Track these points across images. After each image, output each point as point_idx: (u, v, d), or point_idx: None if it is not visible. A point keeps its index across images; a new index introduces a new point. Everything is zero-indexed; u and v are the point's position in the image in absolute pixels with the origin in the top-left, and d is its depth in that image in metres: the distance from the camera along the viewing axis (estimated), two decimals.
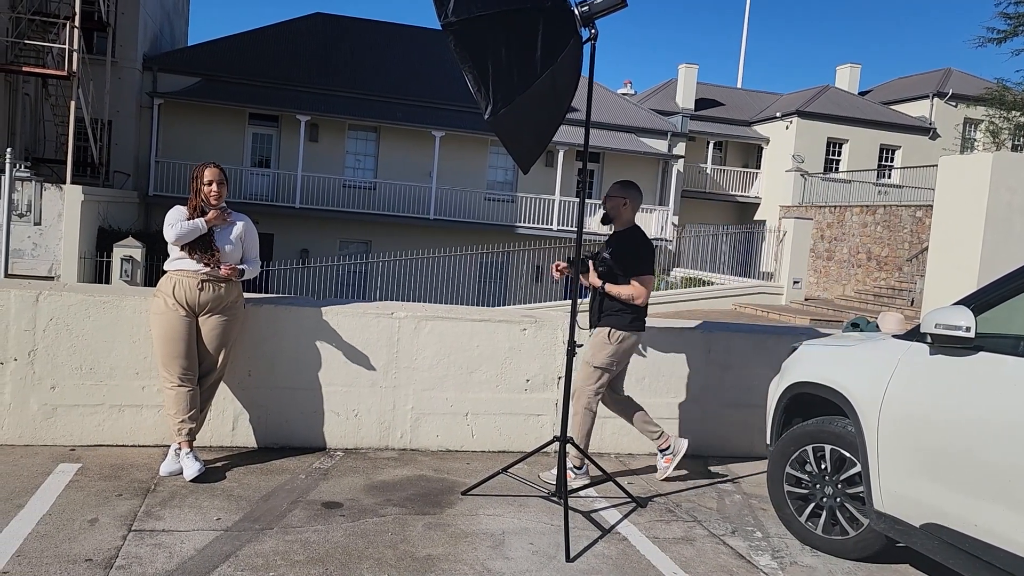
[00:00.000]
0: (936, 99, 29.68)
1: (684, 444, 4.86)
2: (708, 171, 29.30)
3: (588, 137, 4.14)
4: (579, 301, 4.08)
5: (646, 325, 4.69)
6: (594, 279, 4.55)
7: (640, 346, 5.33)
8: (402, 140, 24.04)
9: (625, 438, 5.40)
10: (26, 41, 18.29)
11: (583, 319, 4.59)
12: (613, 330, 4.52)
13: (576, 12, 3.82)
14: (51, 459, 4.31)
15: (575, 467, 4.61)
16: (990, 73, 50.79)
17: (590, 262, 4.56)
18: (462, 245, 21.24)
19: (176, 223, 4.17)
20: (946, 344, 3.40)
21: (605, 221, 4.70)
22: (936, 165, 13.43)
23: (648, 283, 4.53)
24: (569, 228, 24.18)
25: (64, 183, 17.53)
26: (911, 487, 3.46)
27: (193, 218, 4.23)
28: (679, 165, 26.67)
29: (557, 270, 4.58)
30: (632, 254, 4.54)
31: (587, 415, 4.57)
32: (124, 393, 4.61)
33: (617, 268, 4.52)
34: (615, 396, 4.83)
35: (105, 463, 4.32)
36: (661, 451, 4.86)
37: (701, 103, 30.49)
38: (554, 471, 4.49)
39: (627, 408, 4.84)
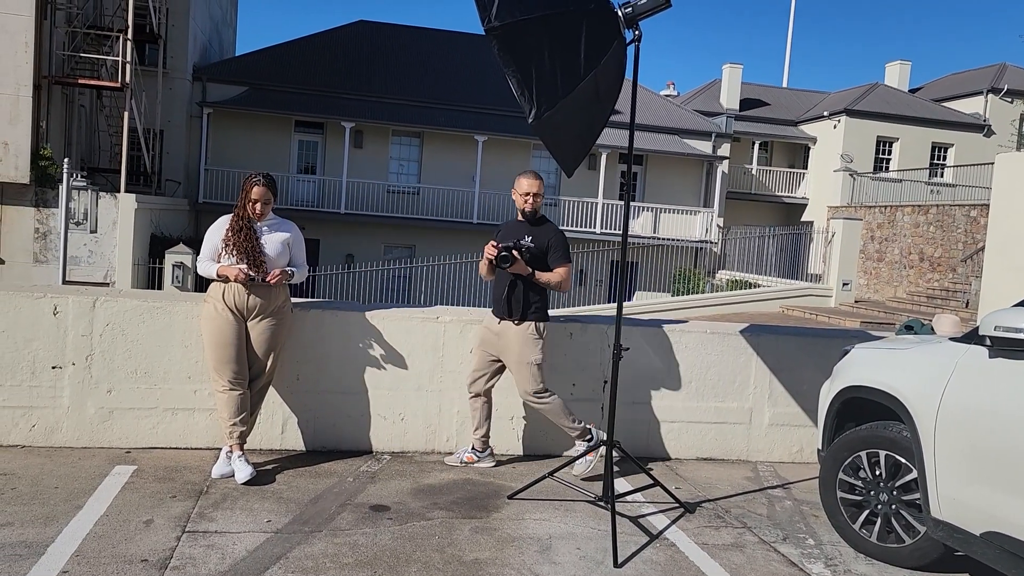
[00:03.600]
0: (990, 95, 28.86)
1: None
2: (753, 172, 28.90)
3: (632, 140, 4.11)
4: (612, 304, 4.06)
5: (707, 328, 4.64)
6: (523, 268, 4.52)
7: (686, 349, 5.28)
8: (445, 145, 24.19)
9: (674, 443, 5.34)
10: (81, 54, 18.84)
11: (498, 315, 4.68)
12: (538, 323, 4.60)
13: (620, 14, 3.79)
14: (107, 461, 4.42)
15: (477, 450, 4.78)
16: None
17: (514, 252, 4.49)
18: None
19: (204, 260, 4.38)
20: (1007, 347, 3.30)
21: (533, 219, 4.67)
22: (992, 163, 13.05)
23: (570, 271, 4.70)
24: (612, 231, 24.08)
25: (118, 192, 18.02)
26: (970, 494, 3.36)
27: (240, 226, 4.30)
28: (724, 166, 26.36)
29: (494, 247, 4.49)
30: (557, 243, 4.64)
31: (558, 405, 4.63)
32: (177, 396, 4.70)
33: (544, 257, 4.62)
34: (488, 389, 4.78)
35: (159, 465, 4.42)
36: (475, 450, 4.85)
37: (746, 103, 30.09)
38: (585, 464, 4.63)
39: (487, 409, 4.81)
